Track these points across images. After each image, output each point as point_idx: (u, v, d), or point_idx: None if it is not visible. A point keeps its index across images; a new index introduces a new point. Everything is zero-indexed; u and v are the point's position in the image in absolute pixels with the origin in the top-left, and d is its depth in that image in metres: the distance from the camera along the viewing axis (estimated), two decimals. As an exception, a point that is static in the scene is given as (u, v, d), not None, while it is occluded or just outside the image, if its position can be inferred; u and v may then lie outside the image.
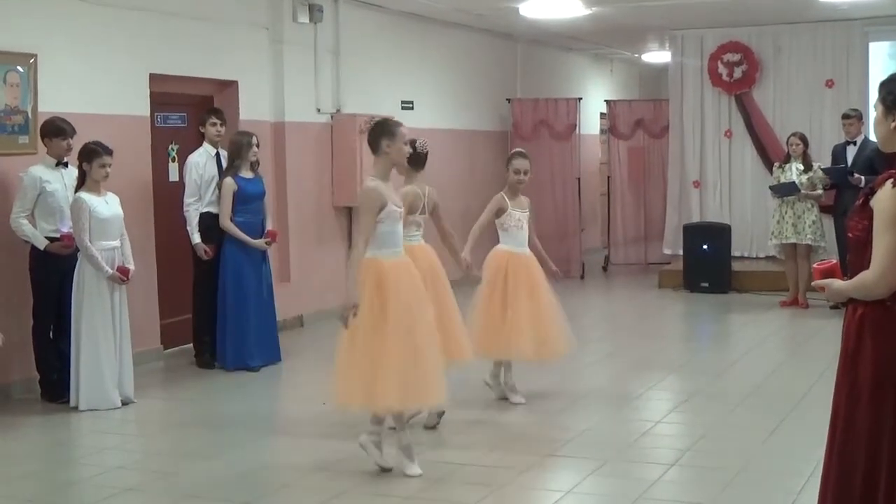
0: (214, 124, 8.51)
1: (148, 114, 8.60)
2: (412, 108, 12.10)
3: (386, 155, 5.54)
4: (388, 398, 5.40)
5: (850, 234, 3.65)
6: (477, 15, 12.31)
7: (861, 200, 3.61)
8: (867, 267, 3.51)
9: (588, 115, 16.15)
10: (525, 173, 7.04)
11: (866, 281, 3.51)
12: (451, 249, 6.70)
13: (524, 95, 14.47)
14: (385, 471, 5.55)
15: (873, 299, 3.52)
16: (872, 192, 3.56)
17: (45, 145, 7.25)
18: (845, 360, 3.63)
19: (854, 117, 10.72)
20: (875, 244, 3.48)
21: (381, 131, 5.54)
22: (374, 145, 5.56)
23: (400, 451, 5.59)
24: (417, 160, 6.35)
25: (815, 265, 3.79)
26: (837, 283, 3.67)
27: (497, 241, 7.16)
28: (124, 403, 7.14)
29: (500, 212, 7.03)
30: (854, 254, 3.64)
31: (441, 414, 6.38)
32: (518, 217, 7.05)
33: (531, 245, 7.17)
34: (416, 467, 5.54)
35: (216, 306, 8.28)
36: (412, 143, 6.28)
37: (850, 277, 3.62)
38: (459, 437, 6.31)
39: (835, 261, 3.82)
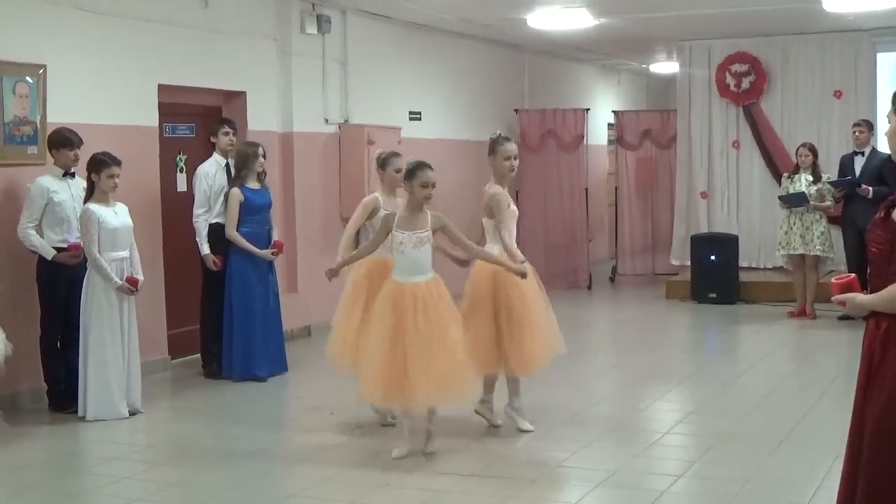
0: (227, 134, 8.51)
1: (156, 124, 8.61)
2: (420, 119, 12.13)
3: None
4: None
5: (872, 249, 3.58)
6: (484, 26, 12.33)
7: (882, 214, 3.56)
8: (892, 280, 3.45)
9: (596, 125, 16.13)
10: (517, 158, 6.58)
11: None
12: (471, 253, 6.42)
13: (532, 106, 14.47)
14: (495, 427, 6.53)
15: None
16: (893, 204, 3.51)
17: (53, 156, 7.27)
18: (869, 373, 3.55)
19: (864, 126, 10.72)
20: None
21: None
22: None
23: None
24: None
25: (833, 280, 3.70)
26: (860, 298, 3.59)
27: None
28: (132, 413, 7.14)
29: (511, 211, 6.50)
30: (877, 267, 3.58)
31: (429, 436, 6.06)
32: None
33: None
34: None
35: (223, 316, 8.29)
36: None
37: (871, 291, 3.55)
38: (464, 448, 6.29)
39: (853, 275, 3.75)
